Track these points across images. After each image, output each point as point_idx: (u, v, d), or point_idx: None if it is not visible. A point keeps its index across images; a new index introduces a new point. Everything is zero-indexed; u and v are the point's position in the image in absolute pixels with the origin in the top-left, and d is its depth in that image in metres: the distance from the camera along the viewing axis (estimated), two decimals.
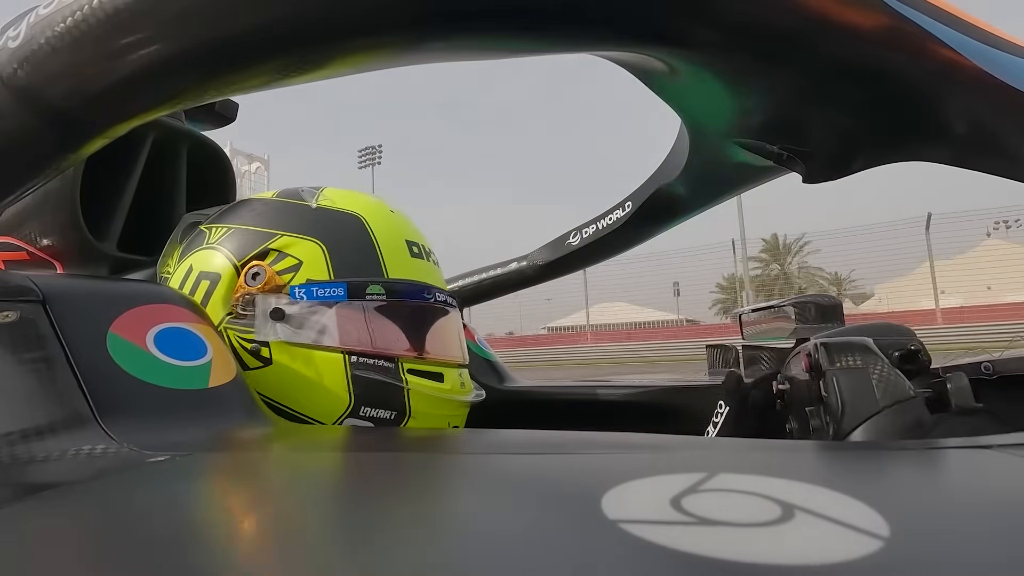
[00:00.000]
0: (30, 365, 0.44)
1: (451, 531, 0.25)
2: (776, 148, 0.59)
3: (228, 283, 0.64)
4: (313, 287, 0.63)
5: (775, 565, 0.19)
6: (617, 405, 1.00)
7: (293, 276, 0.63)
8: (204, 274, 0.65)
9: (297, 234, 0.65)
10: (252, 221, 0.67)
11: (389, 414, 0.64)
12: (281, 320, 0.62)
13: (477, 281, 1.27)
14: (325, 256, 0.64)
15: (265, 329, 0.62)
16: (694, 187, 0.88)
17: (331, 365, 0.62)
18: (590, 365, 13.49)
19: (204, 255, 0.67)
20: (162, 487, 0.34)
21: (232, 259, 0.65)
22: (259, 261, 0.64)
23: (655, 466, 0.31)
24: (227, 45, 0.36)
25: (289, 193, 0.71)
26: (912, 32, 0.39)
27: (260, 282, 0.63)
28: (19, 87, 0.38)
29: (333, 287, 0.63)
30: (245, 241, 0.65)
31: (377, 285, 0.64)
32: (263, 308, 0.62)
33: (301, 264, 0.64)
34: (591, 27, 0.40)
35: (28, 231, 0.80)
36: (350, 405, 0.62)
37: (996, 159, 0.46)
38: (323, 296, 0.62)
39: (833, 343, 0.59)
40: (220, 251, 0.66)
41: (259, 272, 0.63)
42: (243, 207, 0.71)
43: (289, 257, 0.64)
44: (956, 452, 0.33)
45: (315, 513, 0.28)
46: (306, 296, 0.62)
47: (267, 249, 0.64)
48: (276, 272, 0.63)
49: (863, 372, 0.55)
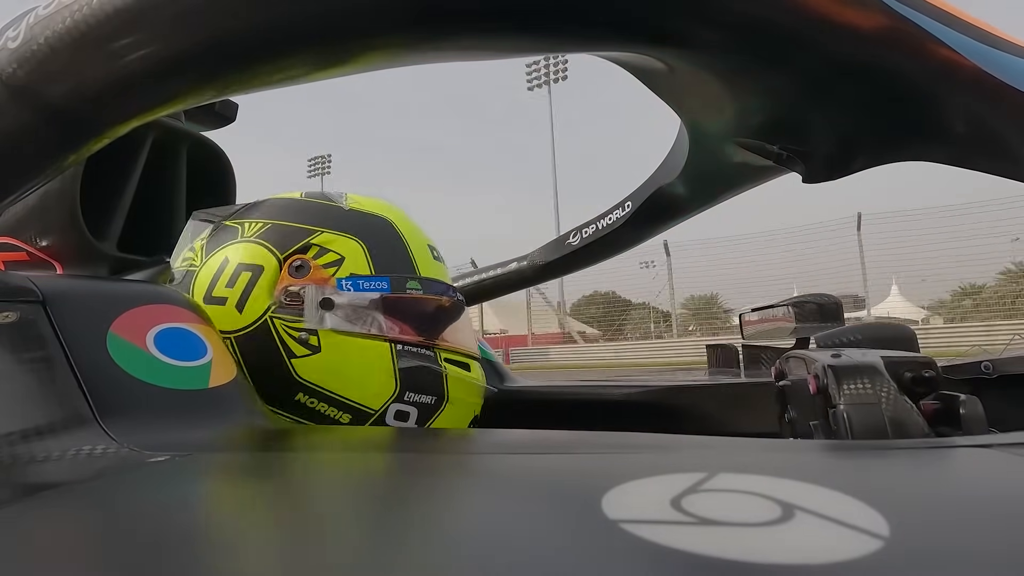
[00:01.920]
0: (30, 365, 0.44)
1: (451, 531, 0.25)
2: (776, 148, 0.59)
3: (272, 275, 0.67)
4: (359, 280, 0.67)
5: (775, 565, 0.19)
6: (617, 405, 1.00)
7: (336, 270, 0.67)
8: (245, 266, 0.67)
9: (337, 231, 0.69)
10: (290, 217, 0.71)
11: (430, 399, 0.69)
12: (330, 310, 0.65)
13: (477, 281, 1.27)
14: (365, 253, 0.69)
15: (315, 318, 0.65)
16: (694, 187, 0.88)
17: (378, 352, 0.66)
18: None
19: (243, 248, 0.68)
20: (162, 487, 0.34)
21: (276, 252, 0.67)
22: (302, 255, 0.67)
23: (655, 466, 0.31)
24: (227, 45, 0.36)
25: (318, 195, 0.75)
26: (912, 32, 0.39)
27: (304, 274, 0.66)
28: (19, 87, 0.38)
29: (377, 280, 0.68)
30: (287, 235, 0.68)
31: (415, 281, 0.70)
32: (313, 298, 0.65)
33: (343, 259, 0.68)
34: (591, 27, 0.40)
35: (28, 231, 0.80)
36: (396, 390, 0.66)
37: (996, 159, 0.46)
38: (368, 288, 0.67)
39: (842, 367, 0.57)
40: (261, 244, 0.68)
41: (303, 265, 0.67)
42: (274, 204, 0.73)
43: (331, 252, 0.68)
44: (956, 451, 0.33)
45: (315, 513, 0.28)
46: (352, 288, 0.67)
47: (309, 244, 0.68)
48: (320, 265, 0.67)
49: (875, 408, 0.54)
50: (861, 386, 0.55)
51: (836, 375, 0.57)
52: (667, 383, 1.00)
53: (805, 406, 0.67)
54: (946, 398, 0.59)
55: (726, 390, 0.98)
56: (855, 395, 0.55)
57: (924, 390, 0.60)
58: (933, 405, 0.58)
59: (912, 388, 0.60)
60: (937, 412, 0.58)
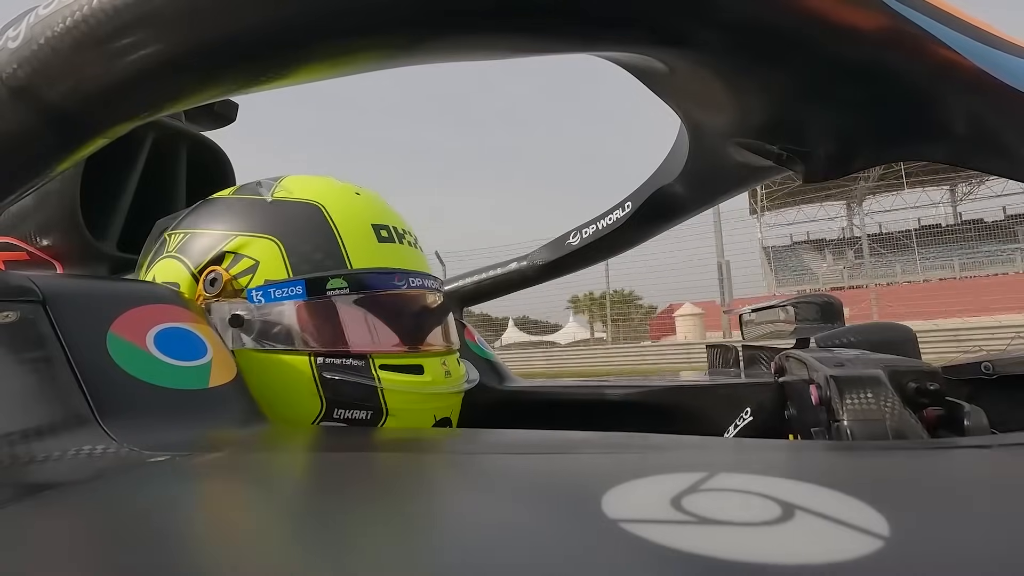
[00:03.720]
0: (30, 365, 0.44)
1: (451, 531, 0.25)
2: (776, 148, 0.59)
3: (187, 292, 0.62)
4: (270, 288, 0.60)
5: (775, 565, 0.19)
6: (617, 405, 1.00)
7: (251, 278, 0.60)
8: (166, 284, 0.63)
9: (251, 233, 0.62)
10: (208, 224, 0.65)
11: (364, 414, 0.61)
12: (240, 327, 0.60)
13: (477, 281, 1.27)
14: (282, 253, 0.61)
15: (225, 337, 0.59)
16: (694, 187, 0.88)
17: (297, 369, 0.59)
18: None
19: (164, 265, 0.65)
20: (162, 487, 0.34)
21: (189, 267, 0.63)
22: (216, 266, 0.62)
23: (655, 466, 0.31)
24: (227, 45, 0.36)
25: (246, 188, 0.68)
26: (911, 32, 0.39)
27: (218, 288, 0.60)
28: (19, 87, 0.38)
29: (291, 286, 0.60)
30: (201, 246, 0.63)
31: (339, 279, 0.60)
32: (220, 316, 0.60)
33: (258, 264, 0.61)
34: (590, 27, 0.40)
35: (28, 231, 0.80)
36: (322, 409, 0.60)
37: (995, 159, 0.46)
38: (281, 297, 0.60)
39: (845, 377, 0.57)
40: (178, 259, 0.64)
41: (216, 277, 0.61)
42: (202, 209, 0.68)
43: (245, 258, 0.61)
44: (956, 452, 0.33)
45: (315, 513, 0.28)
46: (264, 299, 0.60)
47: (223, 252, 0.62)
48: (233, 276, 0.61)
49: (880, 425, 0.53)
50: (864, 399, 0.55)
51: (839, 386, 0.56)
52: (667, 383, 1.00)
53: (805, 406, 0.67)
54: (950, 406, 0.59)
55: (726, 390, 0.98)
56: (858, 409, 0.54)
57: (927, 401, 0.60)
58: (936, 411, 0.58)
59: (915, 399, 0.60)
60: (940, 418, 0.58)
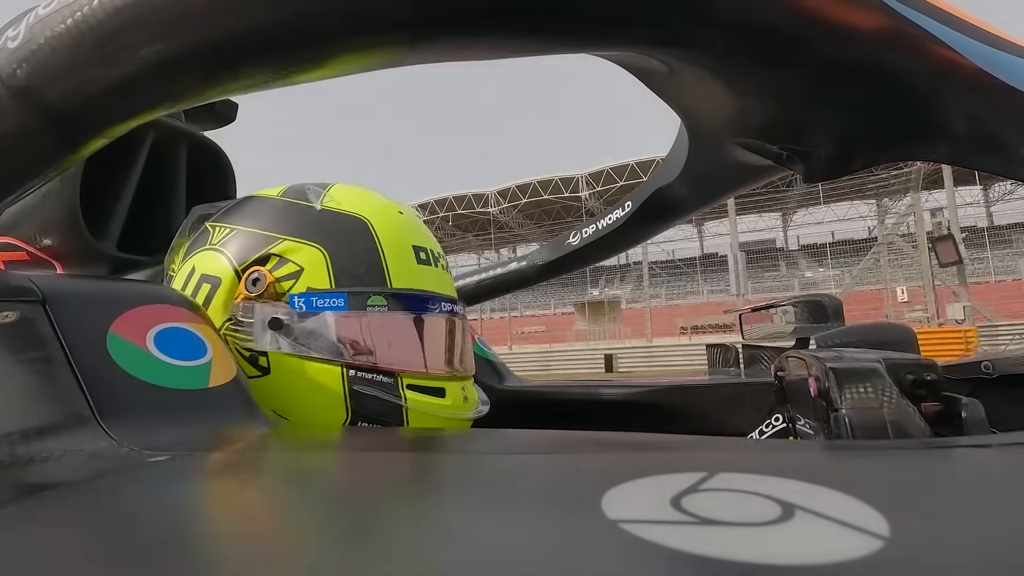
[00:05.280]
0: (30, 365, 0.44)
1: (451, 531, 0.25)
2: (776, 148, 0.59)
3: (229, 288, 0.63)
4: (313, 296, 0.61)
5: (775, 565, 0.19)
6: (617, 405, 1.00)
7: (294, 283, 0.62)
8: (206, 277, 0.64)
9: (299, 239, 0.63)
10: (255, 223, 0.66)
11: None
12: (279, 330, 0.60)
13: (477, 281, 1.27)
14: (327, 263, 0.62)
15: (263, 338, 0.60)
16: (694, 187, 0.88)
17: (329, 378, 0.60)
18: None
19: (206, 256, 0.65)
20: (162, 487, 0.34)
21: (233, 263, 0.63)
22: (260, 267, 0.63)
23: (655, 466, 0.31)
24: (227, 45, 0.36)
25: (295, 192, 0.69)
26: (911, 32, 0.39)
27: (260, 288, 0.62)
28: (19, 87, 0.38)
29: (333, 297, 0.61)
30: (247, 244, 0.64)
31: (379, 296, 0.62)
32: (261, 317, 0.61)
33: (302, 271, 0.62)
34: (590, 27, 0.40)
35: (28, 231, 0.80)
36: (347, 419, 0.61)
37: (995, 158, 0.46)
38: (322, 307, 0.61)
39: (843, 370, 0.57)
40: (222, 254, 0.64)
41: (259, 278, 0.62)
42: (248, 206, 0.69)
43: (290, 263, 0.62)
44: (956, 451, 0.33)
45: (316, 514, 0.28)
46: (305, 306, 0.61)
47: (268, 254, 0.63)
48: (276, 279, 0.62)
49: (877, 413, 0.54)
50: (862, 389, 0.55)
51: (837, 378, 0.57)
52: (667, 383, 1.00)
53: (805, 405, 0.67)
54: (947, 400, 0.59)
55: (726, 390, 0.98)
56: (857, 399, 0.55)
57: (925, 393, 0.60)
58: (934, 407, 0.58)
59: (913, 391, 0.60)
60: (939, 414, 0.58)
